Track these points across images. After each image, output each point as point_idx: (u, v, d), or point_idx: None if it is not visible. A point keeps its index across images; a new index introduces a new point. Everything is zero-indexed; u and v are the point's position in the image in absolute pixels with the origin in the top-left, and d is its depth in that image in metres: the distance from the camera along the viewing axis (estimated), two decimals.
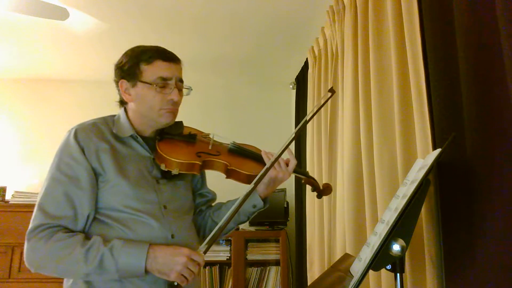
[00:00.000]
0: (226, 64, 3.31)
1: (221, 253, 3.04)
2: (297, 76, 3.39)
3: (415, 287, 1.26)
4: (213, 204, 1.44)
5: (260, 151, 1.33)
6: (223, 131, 1.39)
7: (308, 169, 2.64)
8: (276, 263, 3.06)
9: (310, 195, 2.57)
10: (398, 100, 1.42)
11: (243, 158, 1.28)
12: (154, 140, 1.24)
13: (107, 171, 1.14)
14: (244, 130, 3.34)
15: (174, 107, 1.22)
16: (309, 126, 2.71)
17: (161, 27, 2.74)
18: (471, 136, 1.04)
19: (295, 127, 3.35)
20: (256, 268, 3.07)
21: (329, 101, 2.22)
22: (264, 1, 2.40)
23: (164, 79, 1.19)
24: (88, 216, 1.12)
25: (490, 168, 0.98)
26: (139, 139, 1.22)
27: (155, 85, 1.18)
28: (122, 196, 1.13)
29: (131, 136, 1.22)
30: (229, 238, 3.01)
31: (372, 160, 1.58)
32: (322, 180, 2.24)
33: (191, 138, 1.27)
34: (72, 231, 1.10)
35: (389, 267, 0.95)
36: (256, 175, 1.20)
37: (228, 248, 3.04)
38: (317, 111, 1.45)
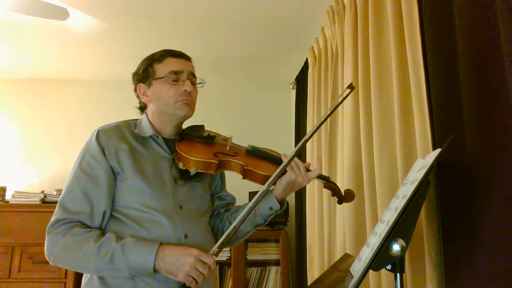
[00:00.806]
0: (226, 64, 3.31)
1: (221, 253, 3.03)
2: (297, 76, 3.39)
3: (415, 287, 1.26)
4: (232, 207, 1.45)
5: (280, 154, 1.34)
6: (223, 131, 1.40)
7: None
8: (276, 263, 3.06)
9: (310, 195, 2.57)
10: (398, 100, 1.42)
11: (260, 160, 1.29)
12: (174, 141, 1.27)
13: (125, 170, 1.17)
14: (244, 130, 3.33)
15: (189, 98, 1.26)
16: (309, 125, 2.71)
17: (161, 27, 2.74)
18: (471, 136, 1.04)
19: (295, 127, 3.35)
20: (256, 268, 3.07)
21: (329, 101, 2.23)
22: (264, 2, 2.40)
23: (176, 73, 1.24)
24: (104, 213, 1.15)
25: (490, 168, 0.98)
26: (159, 139, 1.26)
27: (167, 77, 1.23)
28: (139, 194, 1.17)
29: (151, 136, 1.26)
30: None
31: (372, 160, 1.58)
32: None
33: (209, 139, 1.30)
34: (89, 227, 1.14)
35: (389, 267, 0.95)
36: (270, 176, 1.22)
37: (228, 248, 3.04)
38: (335, 107, 1.44)
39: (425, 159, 1.10)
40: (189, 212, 1.22)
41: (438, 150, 1.03)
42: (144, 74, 1.27)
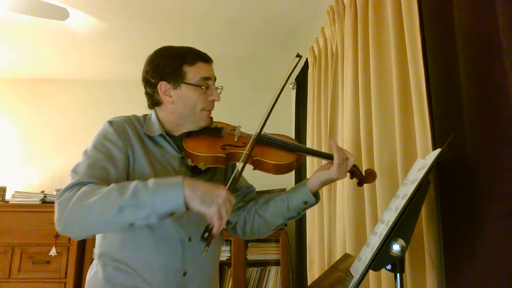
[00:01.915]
0: (226, 64, 3.31)
1: (221, 253, 3.03)
2: (297, 76, 3.38)
3: (415, 287, 1.25)
4: (252, 197, 1.38)
5: (293, 140, 1.30)
6: None
7: (308, 168, 2.64)
8: (276, 263, 3.06)
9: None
10: (398, 100, 1.42)
11: (270, 148, 1.23)
12: (182, 138, 1.23)
13: (136, 163, 1.15)
14: (244, 129, 3.32)
15: (212, 108, 1.25)
16: (309, 125, 2.71)
17: (161, 27, 2.74)
18: (471, 136, 1.04)
19: (295, 127, 3.35)
20: (256, 268, 3.06)
21: (329, 101, 2.22)
22: (264, 2, 2.40)
23: (206, 79, 1.21)
24: None
25: (490, 168, 0.98)
26: (168, 138, 1.23)
27: (202, 87, 1.20)
28: None
29: (160, 135, 1.22)
30: (229, 238, 3.01)
31: (372, 160, 1.58)
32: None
33: (217, 131, 1.26)
34: None
35: (389, 267, 0.95)
36: (284, 164, 1.18)
37: (228, 248, 3.04)
38: (287, 79, 1.41)
39: (425, 159, 1.10)
40: (195, 214, 1.17)
41: (438, 150, 1.02)
42: (172, 74, 1.20)
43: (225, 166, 1.25)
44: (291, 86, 3.53)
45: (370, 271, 1.21)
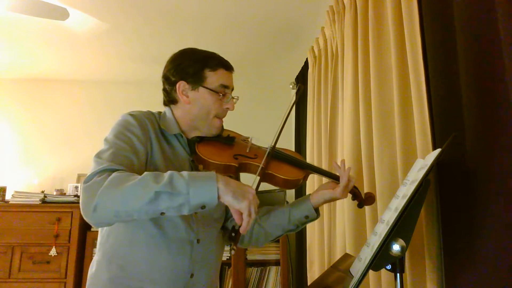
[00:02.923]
0: None
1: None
2: (297, 76, 3.38)
3: (415, 287, 1.25)
4: None
5: (300, 156, 1.35)
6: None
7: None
8: (276, 263, 3.06)
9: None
10: (398, 100, 1.42)
11: (280, 162, 1.26)
12: (194, 142, 1.24)
13: (152, 158, 1.15)
14: (244, 130, 3.33)
15: (224, 116, 1.27)
16: (309, 125, 2.71)
17: (160, 27, 2.74)
18: (471, 136, 1.04)
19: (295, 127, 3.35)
20: (256, 268, 3.06)
21: (329, 101, 2.23)
22: (264, 1, 2.40)
23: (224, 87, 1.23)
24: None
25: (490, 168, 0.98)
26: (184, 138, 1.24)
27: (220, 94, 1.22)
28: None
29: (175, 135, 1.23)
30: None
31: (372, 160, 1.58)
32: (323, 180, 2.24)
33: (229, 140, 1.28)
34: None
35: (389, 267, 0.95)
36: (293, 180, 1.22)
37: (228, 248, 3.03)
38: (292, 107, 1.42)
39: (425, 159, 1.10)
40: (203, 217, 1.20)
41: (438, 150, 1.03)
42: (194, 76, 1.22)
43: (235, 176, 1.26)
44: (290, 86, 3.53)
45: (370, 271, 1.21)
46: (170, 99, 1.27)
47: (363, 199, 1.30)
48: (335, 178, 1.27)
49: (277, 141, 1.24)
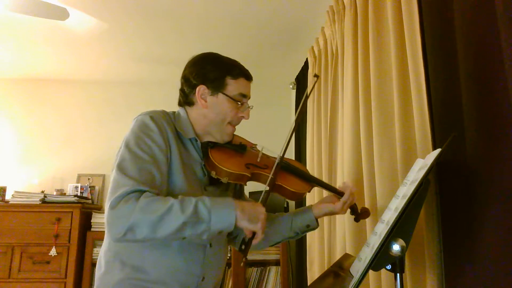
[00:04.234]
0: None
1: None
2: (297, 76, 3.38)
3: (415, 287, 1.26)
4: None
5: (306, 168, 1.38)
6: None
7: (308, 169, 2.64)
8: (276, 263, 3.06)
9: (310, 195, 2.57)
10: (398, 100, 1.42)
11: (289, 174, 1.29)
12: (206, 146, 1.24)
13: (173, 163, 1.15)
14: (244, 130, 3.33)
15: (238, 124, 1.29)
16: (309, 125, 2.71)
17: (160, 27, 2.74)
18: (471, 136, 1.04)
19: (295, 127, 3.34)
20: (256, 268, 3.06)
21: (329, 101, 2.23)
22: (264, 1, 2.40)
23: (243, 96, 1.26)
24: None
25: (490, 168, 0.98)
26: (198, 143, 1.24)
27: (238, 102, 1.24)
28: (177, 190, 1.14)
29: (190, 139, 1.23)
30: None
31: (372, 160, 1.58)
32: (322, 179, 2.24)
33: (241, 148, 1.28)
34: None
35: (389, 267, 0.95)
36: (300, 193, 1.25)
37: (228, 248, 3.03)
38: (305, 99, 1.42)
39: (425, 159, 1.10)
40: None
41: (438, 150, 1.03)
42: (215, 81, 1.23)
43: (246, 185, 1.28)
44: (291, 86, 3.54)
45: (370, 271, 1.21)
46: (186, 101, 1.27)
47: (358, 214, 1.36)
48: (338, 193, 1.31)
49: (286, 151, 1.26)
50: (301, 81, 3.26)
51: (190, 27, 2.73)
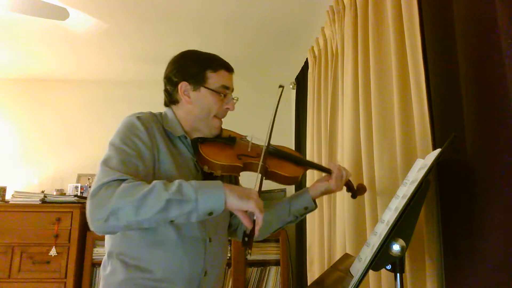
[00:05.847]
0: None
1: None
2: (297, 76, 3.38)
3: (415, 287, 1.26)
4: None
5: (296, 153, 1.40)
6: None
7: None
8: (276, 263, 3.06)
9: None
10: (398, 100, 1.42)
11: (281, 160, 1.30)
12: (196, 142, 1.25)
13: (162, 162, 1.15)
14: (244, 130, 3.33)
15: (224, 117, 1.29)
16: (309, 125, 2.71)
17: (160, 27, 2.74)
18: (471, 136, 1.04)
19: (295, 127, 3.35)
20: (256, 268, 3.06)
21: (329, 101, 2.23)
22: (264, 2, 2.40)
23: (225, 88, 1.26)
24: None
25: (490, 168, 0.98)
26: (188, 140, 1.24)
27: (221, 94, 1.24)
28: None
29: (179, 137, 1.24)
30: (229, 238, 3.00)
31: (372, 160, 1.58)
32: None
33: (231, 141, 1.30)
34: None
35: (389, 267, 0.95)
36: (293, 177, 1.26)
37: (228, 248, 3.04)
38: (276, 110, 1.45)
39: (425, 159, 1.10)
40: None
41: (438, 150, 1.03)
42: (196, 76, 1.24)
43: (239, 175, 1.29)
44: (291, 86, 3.54)
45: (370, 271, 1.21)
46: (171, 100, 1.28)
47: (355, 190, 1.40)
48: (329, 172, 1.35)
49: (271, 137, 1.26)
50: (301, 81, 3.26)
51: (190, 27, 2.73)
